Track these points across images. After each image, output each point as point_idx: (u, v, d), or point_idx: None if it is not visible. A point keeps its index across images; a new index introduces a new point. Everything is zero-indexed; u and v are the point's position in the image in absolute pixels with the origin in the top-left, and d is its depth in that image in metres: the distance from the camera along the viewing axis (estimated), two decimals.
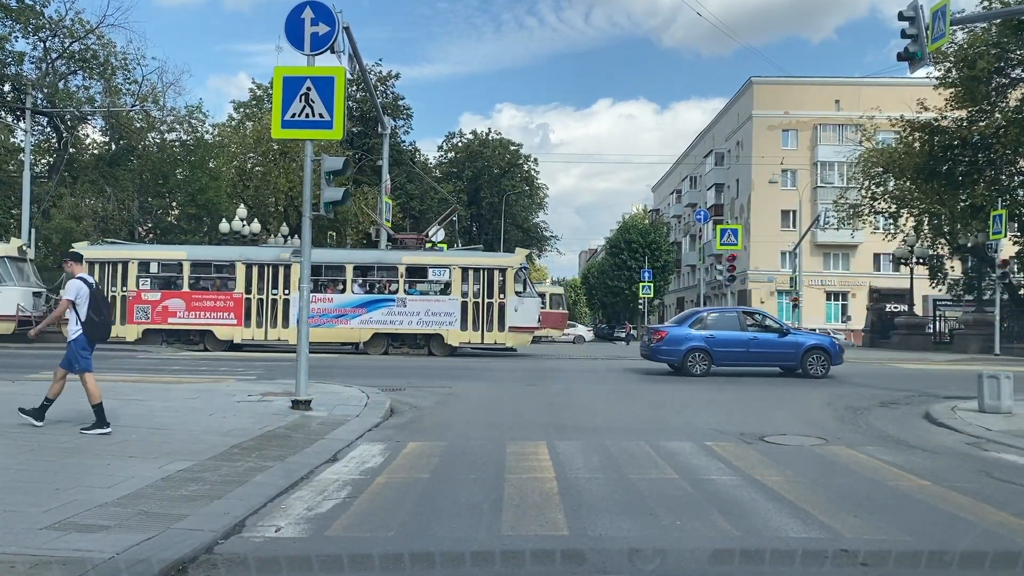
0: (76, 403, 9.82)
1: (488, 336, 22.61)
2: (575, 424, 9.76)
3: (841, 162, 50.05)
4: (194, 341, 22.76)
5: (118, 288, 22.66)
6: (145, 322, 22.47)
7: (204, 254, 25.33)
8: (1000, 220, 26.41)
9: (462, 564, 4.41)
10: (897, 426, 10.00)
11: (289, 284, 22.37)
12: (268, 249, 25.33)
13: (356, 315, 22.55)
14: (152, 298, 22.63)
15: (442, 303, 22.70)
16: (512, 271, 22.85)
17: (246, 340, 22.76)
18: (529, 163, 60.62)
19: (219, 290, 22.96)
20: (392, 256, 23.60)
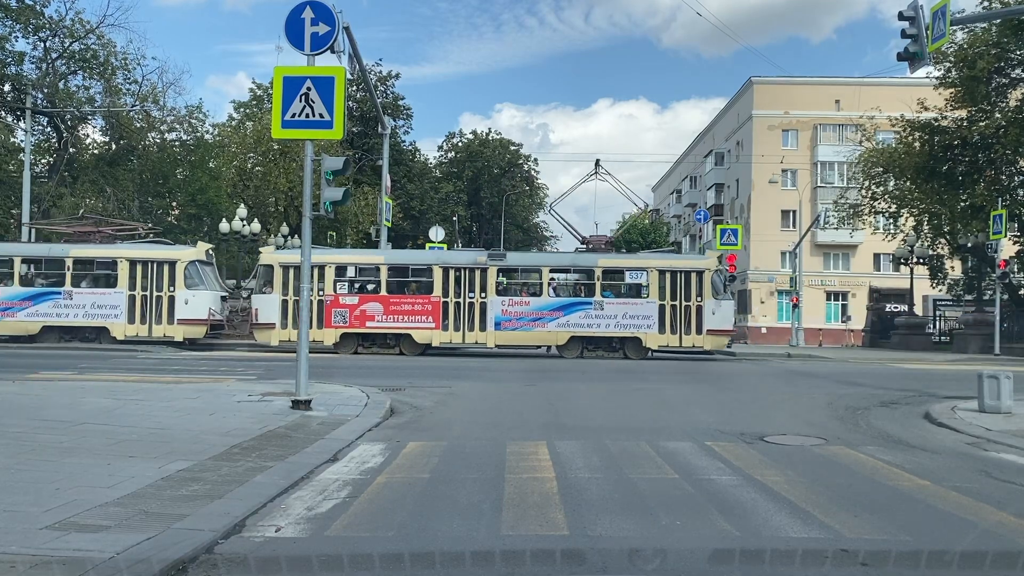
0: (76, 403, 9.83)
1: (686, 339, 22.28)
2: (575, 424, 9.76)
3: (841, 162, 50.01)
4: (390, 345, 22.58)
5: (314, 292, 22.34)
6: (343, 326, 22.30)
7: (402, 258, 25.62)
8: (1000, 220, 26.40)
9: (462, 564, 4.41)
10: (897, 426, 10.00)
11: (486, 288, 22.37)
12: (464, 253, 25.31)
13: (553, 318, 22.38)
14: (350, 302, 22.44)
15: (639, 306, 22.46)
16: (709, 273, 22.60)
17: (443, 343, 22.60)
18: (529, 163, 60.67)
19: (416, 294, 22.88)
20: (588, 259, 23.35)
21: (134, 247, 23.81)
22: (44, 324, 22.57)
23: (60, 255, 22.90)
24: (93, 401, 10.02)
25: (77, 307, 22.57)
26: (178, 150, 36.98)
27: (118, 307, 22.56)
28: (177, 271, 22.63)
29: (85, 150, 36.08)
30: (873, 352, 31.66)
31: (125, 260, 22.75)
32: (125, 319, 22.54)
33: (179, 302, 22.45)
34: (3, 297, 22.66)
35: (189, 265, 22.88)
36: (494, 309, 22.30)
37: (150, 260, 22.86)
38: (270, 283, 22.74)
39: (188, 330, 22.79)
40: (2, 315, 22.56)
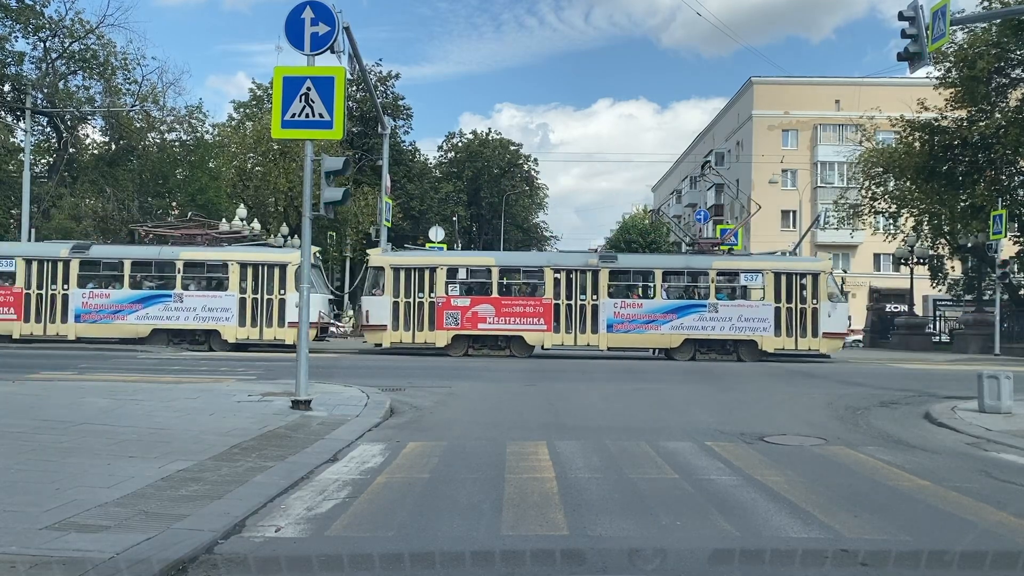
0: (76, 403, 9.83)
1: (802, 342, 22.11)
2: (575, 424, 9.76)
3: (841, 162, 50.02)
4: (500, 347, 22.56)
5: (425, 294, 22.44)
6: (455, 328, 22.24)
7: (513, 260, 25.76)
8: (1000, 220, 26.41)
9: (462, 564, 4.41)
10: (897, 426, 10.00)
11: (598, 290, 22.29)
12: (575, 255, 25.04)
13: (666, 321, 22.20)
14: (462, 304, 22.38)
15: (755, 308, 22.27)
16: (824, 276, 22.47)
17: (554, 345, 22.53)
18: (529, 163, 60.67)
19: (527, 296, 22.81)
20: (702, 261, 23.21)
21: (244, 250, 23.84)
22: (154, 327, 22.41)
23: (170, 258, 22.70)
24: (93, 401, 10.02)
25: (187, 310, 22.41)
26: (178, 150, 36.96)
27: (229, 310, 22.41)
28: (288, 274, 22.39)
29: (85, 150, 36.07)
30: (873, 352, 31.67)
31: (236, 263, 22.64)
32: (236, 322, 22.38)
33: (290, 305, 22.10)
34: (113, 300, 22.52)
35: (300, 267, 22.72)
36: (606, 311, 22.15)
37: (261, 263, 22.74)
38: (380, 285, 22.77)
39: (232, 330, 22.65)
40: (112, 317, 22.40)
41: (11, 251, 23.41)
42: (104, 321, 22.45)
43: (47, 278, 22.60)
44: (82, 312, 22.46)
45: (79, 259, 22.72)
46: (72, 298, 22.45)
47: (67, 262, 22.62)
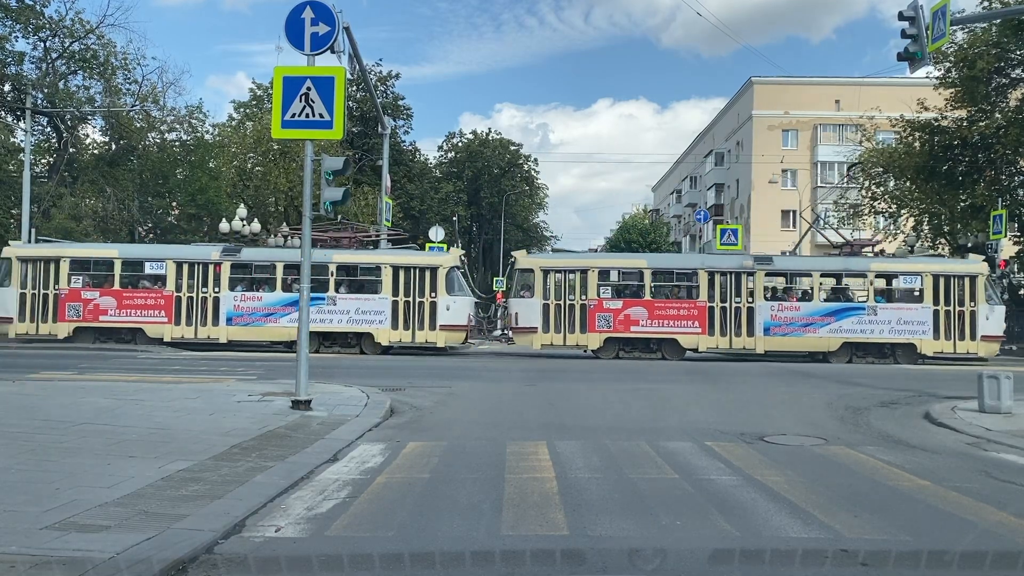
0: (76, 403, 9.83)
1: (960, 345, 21.95)
2: (575, 424, 9.76)
3: (841, 162, 50.01)
4: (652, 350, 22.41)
5: (576, 296, 22.37)
6: (607, 330, 22.12)
7: (666, 262, 25.60)
8: (1000, 220, 26.40)
9: (462, 564, 4.41)
10: (897, 426, 10.00)
11: (753, 292, 22.15)
12: (729, 257, 24.57)
13: (824, 323, 22.03)
14: (614, 307, 22.24)
15: (914, 311, 21.96)
16: (982, 278, 22.25)
17: (709, 349, 22.32)
18: (529, 163, 60.64)
19: (680, 298, 22.65)
20: (860, 263, 22.97)
21: (395, 253, 23.82)
22: (310, 330, 22.17)
23: (323, 261, 22.30)
24: (93, 401, 10.02)
25: (340, 313, 22.17)
26: (178, 150, 36.93)
27: (382, 313, 22.20)
28: (439, 277, 22.30)
29: (85, 150, 36.03)
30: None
31: (389, 266, 22.47)
32: (389, 324, 22.20)
33: (440, 308, 22.10)
34: (266, 303, 22.40)
35: (450, 271, 22.62)
36: (762, 314, 21.99)
37: (413, 266, 22.56)
38: (529, 287, 22.69)
39: (450, 336, 22.54)
40: (264, 320, 22.32)
41: (162, 253, 23.35)
42: (256, 324, 22.32)
43: (198, 281, 22.48)
44: (234, 315, 22.28)
45: (230, 262, 22.60)
46: (223, 301, 22.28)
47: (218, 264, 22.49)
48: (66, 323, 22.24)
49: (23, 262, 22.74)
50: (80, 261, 23.03)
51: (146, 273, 23.01)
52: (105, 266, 23.05)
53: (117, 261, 22.84)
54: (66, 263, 22.63)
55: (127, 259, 23.07)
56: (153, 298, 22.36)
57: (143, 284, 23.05)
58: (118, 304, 22.36)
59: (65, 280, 22.51)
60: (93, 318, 22.31)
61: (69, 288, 22.46)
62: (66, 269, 22.56)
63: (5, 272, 22.89)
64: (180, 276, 22.51)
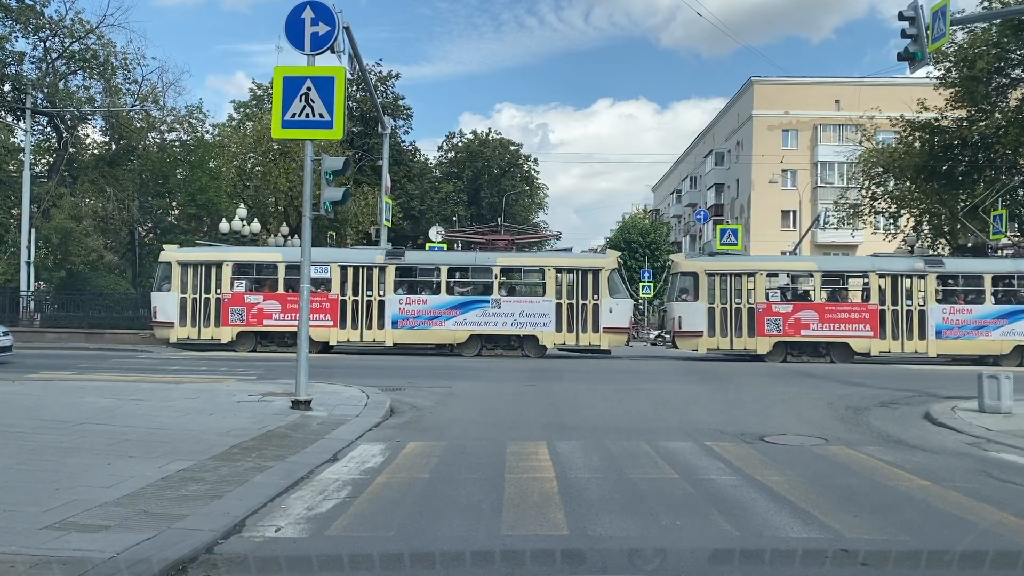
0: (76, 403, 9.83)
1: None
2: (575, 424, 9.76)
3: (841, 162, 50.01)
4: (821, 353, 22.23)
5: (743, 300, 22.27)
6: (776, 334, 22.04)
7: (835, 265, 25.29)
8: (1000, 220, 26.40)
9: (462, 564, 4.41)
10: (897, 426, 10.00)
11: (925, 295, 21.90)
12: (900, 258, 24.42)
13: (997, 326, 21.95)
14: (783, 310, 22.16)
15: None
16: None
17: (881, 352, 22.17)
18: (529, 163, 60.61)
19: (849, 301, 22.52)
20: None
21: (558, 255, 23.84)
22: (471, 332, 22.23)
23: (487, 263, 22.57)
24: (93, 401, 10.02)
25: (505, 315, 22.20)
26: (178, 150, 36.92)
27: (547, 315, 22.13)
28: (601, 279, 22.23)
29: (85, 150, 36.02)
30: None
31: (552, 268, 22.48)
32: (554, 327, 22.11)
33: (603, 310, 22.02)
34: (431, 305, 22.36)
35: (611, 273, 22.56)
36: (935, 317, 21.82)
37: (575, 268, 22.58)
38: (690, 290, 22.59)
39: (613, 338, 22.39)
40: (429, 323, 22.29)
41: (326, 257, 23.20)
42: (421, 327, 22.28)
43: (362, 284, 22.43)
44: (399, 318, 22.22)
45: (395, 265, 22.58)
46: (388, 304, 22.23)
47: (382, 268, 22.45)
48: (229, 327, 22.18)
49: (183, 266, 22.62)
50: (243, 265, 22.92)
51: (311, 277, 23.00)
52: (268, 270, 22.93)
53: (280, 265, 22.67)
54: (229, 267, 22.52)
55: (291, 263, 22.74)
56: (318, 302, 22.05)
57: None
58: (282, 308, 22.18)
59: (228, 284, 22.37)
60: (258, 322, 22.17)
61: (232, 292, 22.35)
62: (229, 273, 22.44)
63: (165, 276, 22.82)
64: (344, 280, 22.44)
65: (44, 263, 31.15)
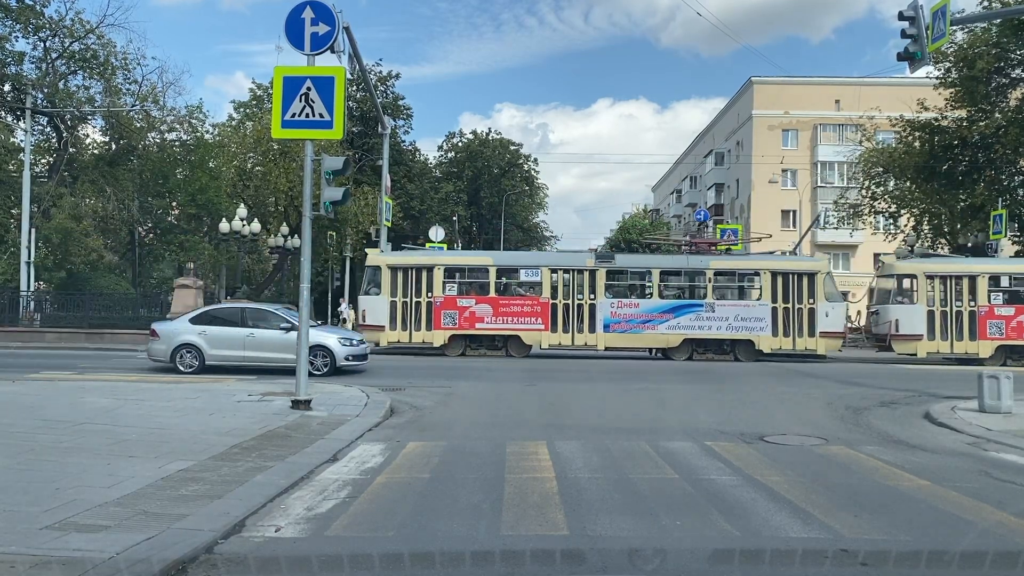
0: (76, 403, 9.83)
1: None
2: (575, 424, 9.76)
3: (841, 162, 50.03)
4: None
5: (964, 303, 22.05)
6: (999, 338, 21.88)
7: None
8: (1000, 220, 26.40)
9: (462, 564, 4.41)
10: (897, 426, 10.00)
11: None
12: None
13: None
14: (1005, 313, 21.91)
15: None
16: None
17: None
18: (529, 163, 60.59)
19: None
20: None
21: (772, 258, 23.57)
22: (684, 336, 21.88)
23: (700, 267, 22.35)
24: (93, 401, 10.02)
25: (719, 319, 21.88)
26: (178, 150, 36.92)
27: (763, 320, 21.83)
28: (817, 282, 22.00)
29: (85, 150, 36.01)
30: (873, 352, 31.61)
31: (768, 271, 22.18)
32: (770, 331, 21.81)
33: (820, 314, 21.79)
34: (643, 309, 22.15)
35: (827, 276, 22.36)
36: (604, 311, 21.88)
37: (789, 271, 22.30)
38: (908, 293, 22.36)
39: (829, 343, 22.05)
40: (642, 327, 22.01)
41: (537, 261, 23.29)
42: (633, 331, 22.03)
43: (573, 288, 22.36)
44: (611, 322, 22.01)
45: (605, 268, 22.46)
46: (599, 308, 22.07)
47: (593, 271, 22.31)
48: (442, 331, 22.09)
49: (393, 270, 22.54)
50: (454, 269, 22.86)
51: (521, 280, 22.89)
52: (479, 273, 22.86)
53: (492, 268, 22.68)
54: (440, 271, 22.42)
55: (502, 266, 22.93)
56: (529, 305, 22.08)
57: (516, 291, 22.84)
58: (494, 311, 22.10)
59: (439, 288, 22.29)
60: (469, 325, 22.02)
61: (444, 296, 22.26)
62: (440, 277, 22.34)
63: (374, 280, 22.74)
64: (555, 283, 22.34)
65: (44, 263, 31.15)
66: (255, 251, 39.30)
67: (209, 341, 15.47)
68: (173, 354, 15.43)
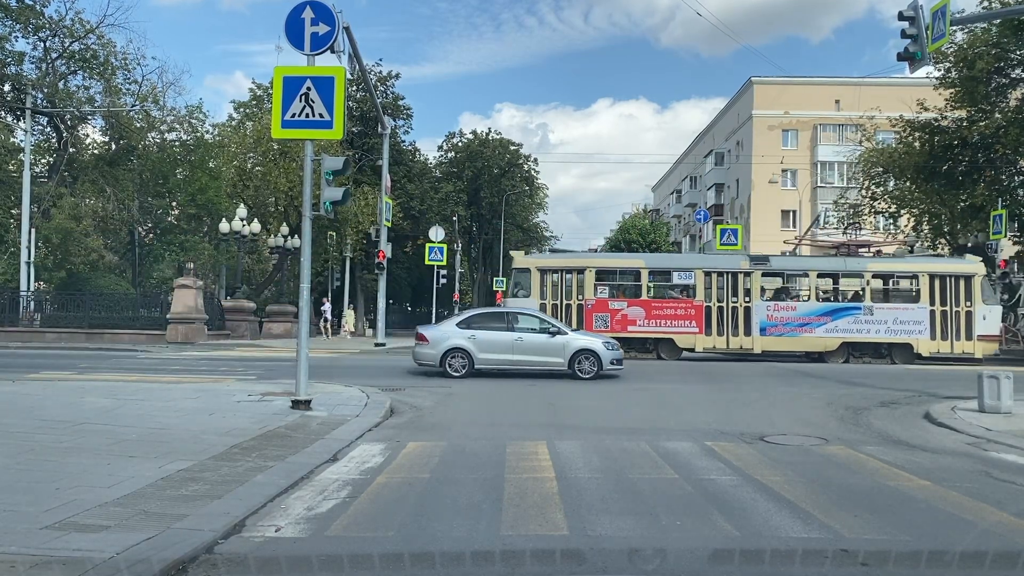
0: (76, 403, 9.83)
1: None
2: (575, 424, 9.76)
3: (841, 162, 50.04)
4: None
5: None
6: None
7: None
8: (1000, 220, 26.39)
9: (462, 564, 4.41)
10: (897, 426, 10.01)
11: None
12: None
13: None
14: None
15: None
16: None
17: None
18: (529, 163, 60.60)
19: None
20: None
21: (929, 261, 23.40)
22: (842, 340, 21.74)
23: (858, 269, 22.24)
24: (93, 401, 10.02)
25: (878, 323, 21.68)
26: (178, 150, 36.95)
27: (922, 323, 21.61)
28: (974, 285, 21.85)
29: (85, 150, 36.03)
30: None
31: (926, 274, 22.01)
32: (928, 335, 21.61)
33: (977, 317, 21.58)
34: (800, 312, 22.05)
35: (983, 279, 22.23)
36: None
37: (948, 274, 22.13)
38: None
39: (986, 346, 21.97)
40: (799, 331, 21.82)
41: (690, 263, 23.04)
42: (790, 335, 21.88)
43: (727, 291, 22.17)
44: (767, 325, 21.87)
45: (761, 270, 22.31)
46: (755, 311, 21.92)
47: (748, 274, 22.16)
48: None
49: (543, 272, 22.47)
50: (605, 271, 22.81)
51: (674, 283, 22.72)
52: (631, 276, 22.73)
53: (644, 271, 22.52)
54: (591, 273, 22.32)
55: (654, 269, 22.74)
56: (683, 308, 21.95)
57: (669, 294, 22.71)
58: (646, 314, 22.01)
59: (591, 290, 22.18)
60: (621, 328, 21.84)
61: (596, 298, 22.14)
62: (591, 280, 22.23)
63: (521, 283, 22.61)
64: (709, 286, 22.16)
65: (44, 263, 31.16)
66: (255, 251, 39.29)
67: (478, 345, 15.40)
68: (443, 358, 15.37)
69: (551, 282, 22.33)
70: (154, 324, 27.49)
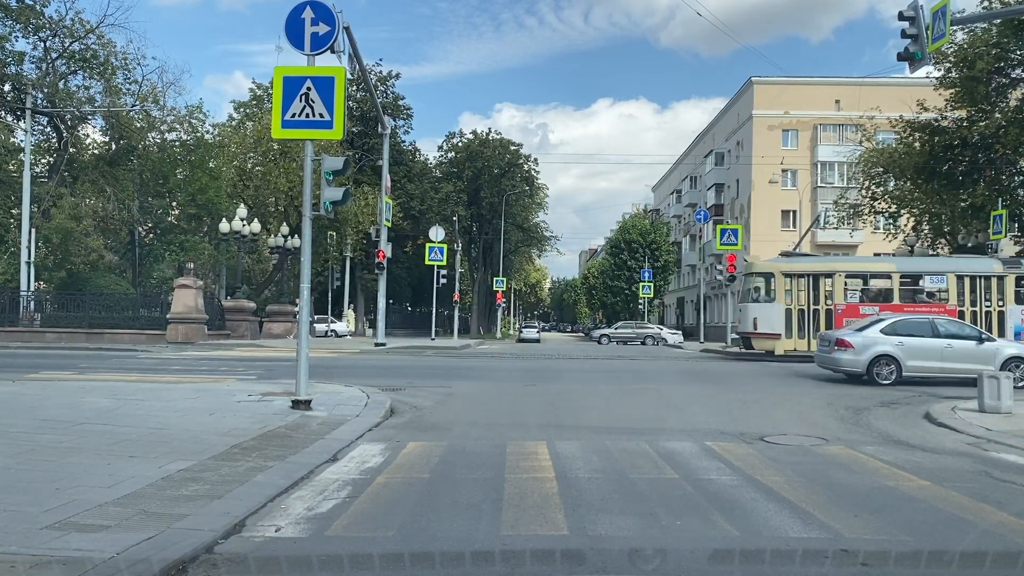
0: (76, 403, 9.83)
1: None
2: (575, 424, 9.76)
3: (841, 162, 50.06)
4: None
5: None
6: None
7: None
8: (1000, 220, 26.40)
9: (462, 564, 4.41)
10: (897, 426, 10.01)
11: None
12: None
13: None
14: None
15: None
16: None
17: None
18: (529, 163, 60.65)
19: None
20: None
21: None
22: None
23: None
24: (93, 401, 10.02)
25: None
26: (178, 150, 36.98)
27: None
28: None
29: (85, 150, 36.06)
30: None
31: None
32: None
33: None
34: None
35: None
36: None
37: None
38: None
39: None
40: None
41: (942, 267, 22.57)
42: None
43: (980, 295, 21.82)
44: (1021, 330, 21.44)
45: (1015, 274, 21.96)
46: (1009, 316, 21.54)
47: (1001, 277, 21.82)
48: None
49: (788, 277, 22.23)
50: (855, 275, 22.47)
51: (925, 287, 22.34)
52: (881, 279, 22.44)
53: (895, 274, 22.24)
54: (841, 278, 22.04)
55: (905, 272, 22.37)
56: (936, 313, 20.99)
57: (918, 298, 22.27)
58: None
59: (840, 295, 21.88)
60: None
61: (846, 303, 21.83)
62: (841, 284, 21.96)
63: (764, 288, 22.40)
64: (961, 290, 21.78)
65: (44, 263, 31.18)
66: (255, 251, 39.31)
67: (907, 352, 15.09)
68: (870, 365, 15.15)
69: (798, 286, 22.05)
70: (154, 324, 27.52)
